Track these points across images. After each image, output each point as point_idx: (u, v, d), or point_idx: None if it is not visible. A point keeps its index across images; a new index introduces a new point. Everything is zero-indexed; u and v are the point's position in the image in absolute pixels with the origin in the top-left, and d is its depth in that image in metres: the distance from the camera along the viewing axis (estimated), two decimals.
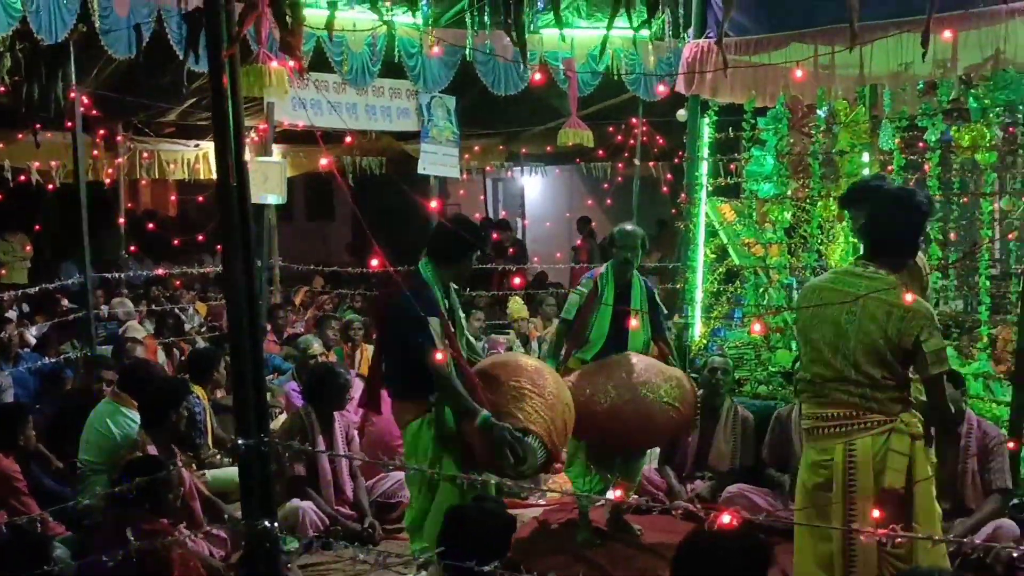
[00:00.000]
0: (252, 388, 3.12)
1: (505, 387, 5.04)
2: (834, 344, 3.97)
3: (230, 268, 3.14)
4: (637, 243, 6.11)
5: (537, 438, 4.90)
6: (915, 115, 7.81)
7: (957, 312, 8.58)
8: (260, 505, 3.12)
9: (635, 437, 5.92)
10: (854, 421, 3.94)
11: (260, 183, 9.55)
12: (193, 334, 10.29)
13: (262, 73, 6.73)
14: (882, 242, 4.05)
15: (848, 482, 3.92)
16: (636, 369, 5.83)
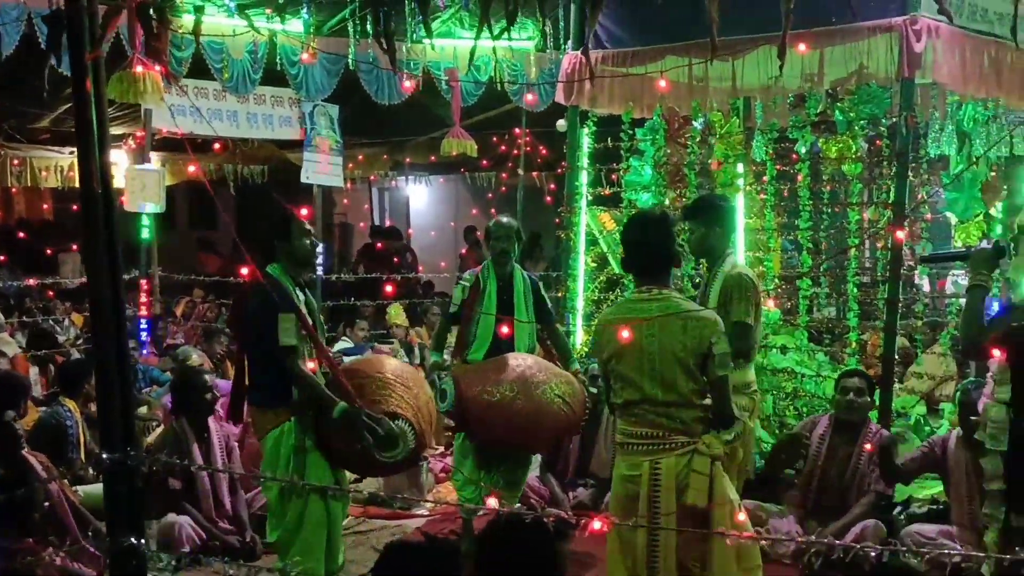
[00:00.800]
0: (118, 400, 3.05)
1: (368, 379, 5.05)
2: (640, 368, 4.19)
3: (95, 277, 3.06)
4: (512, 233, 6.17)
5: (407, 421, 4.93)
6: (786, 127, 8.06)
7: (829, 318, 8.87)
8: (127, 521, 3.04)
9: (525, 434, 5.89)
10: (660, 441, 4.17)
11: (138, 191, 9.34)
12: (68, 346, 9.99)
13: (136, 79, 6.57)
14: (653, 264, 4.31)
15: (653, 498, 4.16)
16: (529, 367, 5.84)
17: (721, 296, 5.04)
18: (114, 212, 3.14)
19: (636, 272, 4.39)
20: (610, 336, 4.26)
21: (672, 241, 4.37)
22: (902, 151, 6.68)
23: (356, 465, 5.08)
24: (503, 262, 6.19)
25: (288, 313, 4.78)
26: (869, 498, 5.95)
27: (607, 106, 8.06)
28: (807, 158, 8.10)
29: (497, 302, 6.14)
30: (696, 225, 5.20)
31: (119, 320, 3.11)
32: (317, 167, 10.64)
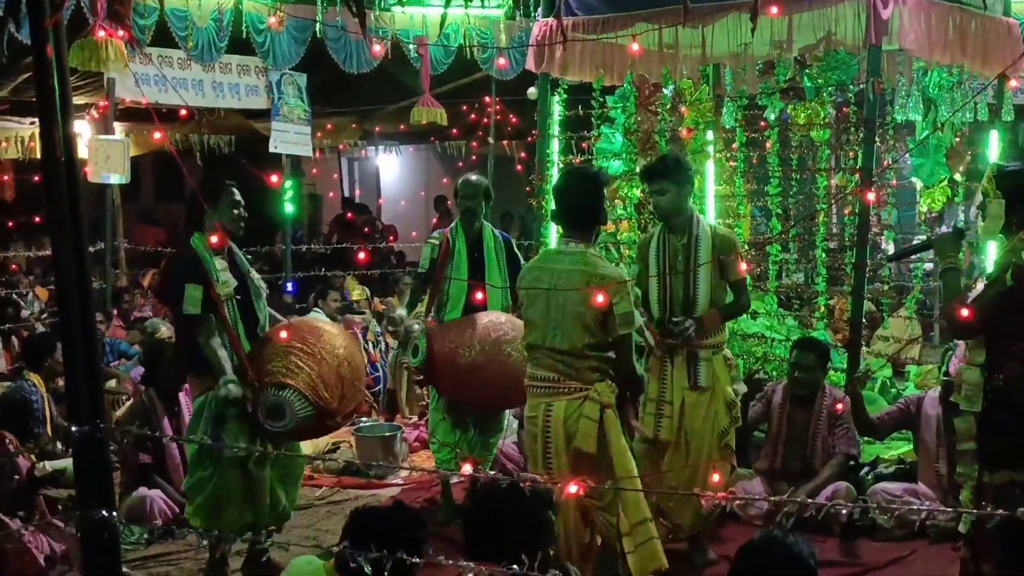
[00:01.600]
0: (85, 372, 3.00)
1: (270, 346, 5.12)
2: (544, 315, 4.43)
3: (58, 249, 3.00)
4: (479, 192, 6.20)
5: (295, 390, 4.93)
6: (755, 94, 8.07)
7: (797, 284, 8.93)
8: (98, 494, 3.00)
9: (496, 394, 5.91)
10: (555, 386, 4.43)
11: (102, 162, 9.20)
12: (32, 320, 9.88)
13: (98, 47, 6.45)
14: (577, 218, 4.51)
15: (545, 439, 4.44)
16: (502, 327, 5.87)
17: (714, 258, 5.14)
18: (78, 182, 3.06)
19: (561, 224, 4.64)
20: (524, 283, 4.60)
21: (600, 199, 4.58)
22: (869, 117, 6.70)
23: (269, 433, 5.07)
24: (470, 220, 6.20)
25: (193, 284, 4.90)
26: (837, 459, 6.03)
27: (578, 74, 8.03)
28: (776, 125, 8.13)
29: (468, 261, 6.14)
30: (668, 184, 5.22)
31: (84, 292, 3.05)
32: (285, 136, 10.54)
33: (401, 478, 7.18)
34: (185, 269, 5.00)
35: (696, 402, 5.24)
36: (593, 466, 4.34)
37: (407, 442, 7.80)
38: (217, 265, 5.03)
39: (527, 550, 3.02)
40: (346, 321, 9.29)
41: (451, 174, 15.93)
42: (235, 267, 5.19)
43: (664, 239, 5.33)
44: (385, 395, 9.02)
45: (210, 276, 4.96)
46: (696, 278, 5.18)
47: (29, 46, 7.24)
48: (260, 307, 5.28)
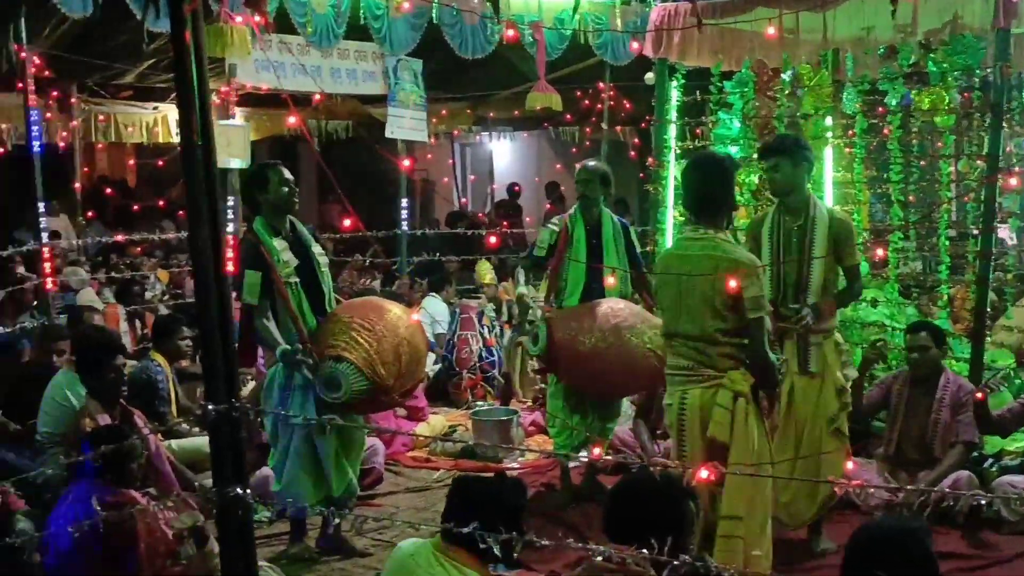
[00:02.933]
0: (221, 354, 3.05)
1: (333, 321, 5.30)
2: (677, 303, 4.39)
3: (196, 232, 3.04)
4: (594, 177, 6.17)
5: (351, 364, 5.08)
6: (876, 79, 7.89)
7: (917, 273, 8.72)
8: (232, 472, 3.05)
9: (616, 381, 5.96)
10: (690, 374, 4.39)
11: (223, 147, 9.37)
12: (155, 302, 10.15)
13: (223, 33, 6.54)
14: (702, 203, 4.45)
15: (680, 428, 4.42)
16: (622, 313, 5.87)
17: (830, 241, 5.08)
18: (214, 165, 3.11)
19: (690, 210, 4.57)
20: (659, 269, 4.60)
21: (730, 185, 4.50)
22: (996, 102, 6.54)
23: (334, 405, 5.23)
24: (588, 206, 6.18)
25: (253, 270, 5.11)
26: (958, 449, 5.89)
27: (696, 59, 7.96)
28: (898, 110, 7.95)
29: (586, 247, 6.13)
30: (783, 160, 5.16)
31: (220, 272, 3.10)
32: (401, 122, 10.61)
33: (517, 461, 7.20)
34: (245, 255, 5.20)
35: (806, 387, 5.20)
36: (725, 456, 4.31)
37: (523, 426, 7.82)
38: (277, 246, 5.22)
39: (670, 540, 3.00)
40: (463, 306, 9.35)
41: (564, 160, 15.89)
42: (299, 244, 5.35)
43: (778, 220, 5.27)
44: (500, 380, 9.04)
45: (271, 259, 5.15)
46: (811, 261, 5.08)
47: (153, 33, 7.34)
48: (324, 281, 5.45)
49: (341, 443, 5.44)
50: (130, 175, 16.94)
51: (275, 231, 5.29)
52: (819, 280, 5.11)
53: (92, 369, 5.65)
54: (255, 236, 5.23)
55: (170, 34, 3.07)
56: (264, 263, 5.14)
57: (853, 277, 5.23)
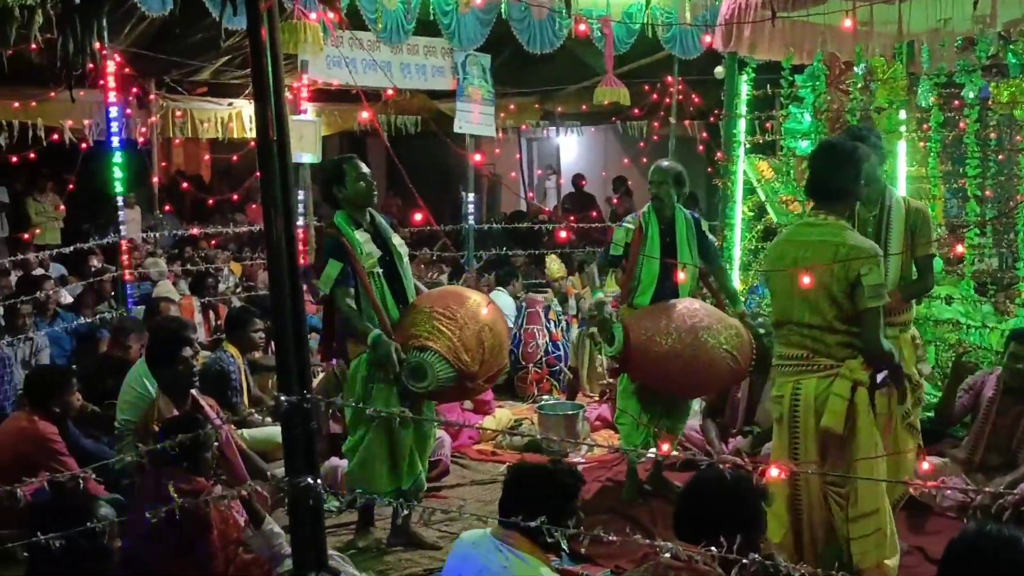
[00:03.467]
0: (294, 345, 3.10)
1: (414, 312, 5.36)
2: (790, 290, 4.27)
3: (271, 225, 3.10)
4: (668, 178, 6.13)
5: (435, 353, 5.12)
6: (953, 71, 7.74)
7: (993, 269, 8.54)
8: (303, 462, 3.11)
9: (691, 382, 5.93)
10: (804, 363, 4.28)
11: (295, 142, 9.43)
12: (228, 294, 10.32)
13: (297, 29, 6.66)
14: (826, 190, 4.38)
15: (793, 419, 4.29)
16: (698, 314, 5.85)
17: (907, 231, 4.98)
18: (288, 160, 3.16)
19: (813, 195, 4.47)
20: (772, 255, 4.46)
21: (857, 174, 4.38)
22: None
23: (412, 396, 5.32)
24: (660, 207, 6.15)
25: (334, 260, 5.20)
26: None
27: (767, 52, 7.88)
28: (975, 103, 7.78)
29: (660, 246, 6.09)
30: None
31: (293, 266, 3.15)
32: (469, 117, 10.66)
33: (583, 456, 7.20)
34: (328, 247, 5.29)
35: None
36: (840, 448, 4.22)
37: (589, 420, 7.81)
38: (360, 238, 5.29)
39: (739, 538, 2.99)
40: (529, 300, 9.37)
41: (631, 154, 15.85)
42: (378, 236, 5.42)
43: (855, 211, 5.16)
44: (567, 374, 9.05)
45: (353, 251, 5.23)
46: (887, 250, 4.97)
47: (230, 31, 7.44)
48: (404, 272, 5.50)
49: (414, 437, 5.50)
50: (205, 170, 17.25)
51: (356, 223, 5.36)
52: (896, 272, 4.97)
53: (161, 361, 5.73)
54: (337, 229, 5.30)
55: (247, 32, 3.13)
56: (347, 255, 5.21)
57: (925, 269, 5.06)
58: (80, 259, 10.67)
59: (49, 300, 8.62)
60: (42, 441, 5.56)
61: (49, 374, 6.20)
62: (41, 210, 13.30)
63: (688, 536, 3.19)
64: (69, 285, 10.01)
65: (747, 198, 8.58)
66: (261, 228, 3.54)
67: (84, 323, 8.32)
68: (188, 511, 4.04)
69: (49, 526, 3.23)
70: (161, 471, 4.53)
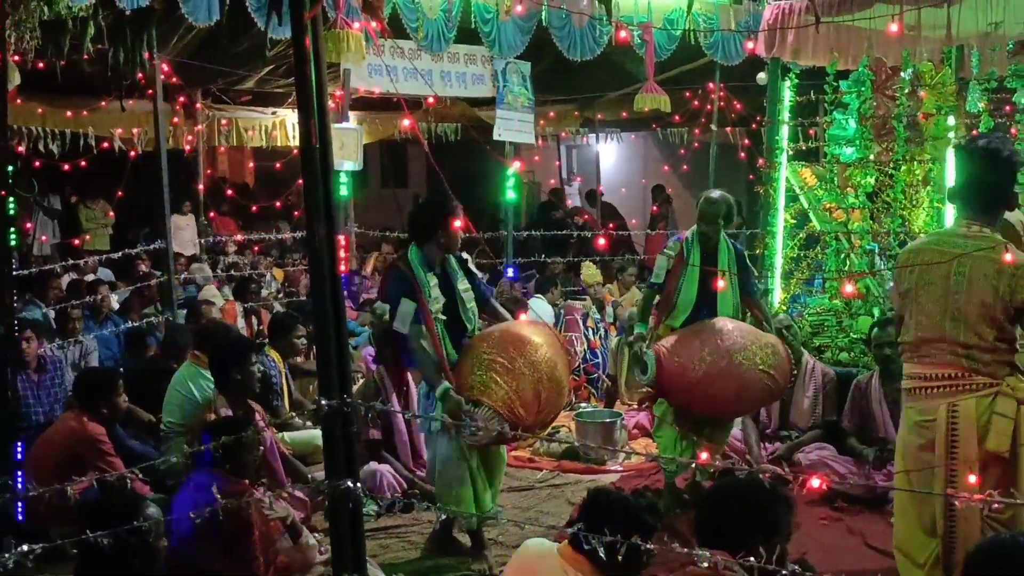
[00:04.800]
0: (335, 350, 3.14)
1: (471, 356, 5.21)
2: (943, 305, 3.95)
3: (312, 231, 3.14)
4: (719, 214, 5.96)
5: (489, 408, 4.99)
6: (1004, 76, 7.62)
7: None
8: (344, 465, 3.14)
9: (729, 405, 5.84)
10: (959, 382, 3.92)
11: (337, 149, 9.58)
12: (270, 299, 10.43)
13: (340, 39, 6.71)
14: (980, 198, 4.02)
15: (951, 443, 3.89)
16: (731, 335, 5.71)
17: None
18: (331, 169, 3.20)
19: (962, 204, 4.11)
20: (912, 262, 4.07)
21: (1012, 182, 4.04)
22: None
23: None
24: (704, 240, 6.03)
25: (408, 299, 5.09)
26: None
27: (811, 58, 7.80)
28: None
29: (700, 273, 5.98)
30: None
31: (334, 271, 3.19)
32: (509, 124, 10.69)
33: (621, 464, 7.19)
34: (398, 284, 5.19)
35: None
36: (1003, 471, 3.86)
37: (627, 428, 7.80)
38: (431, 282, 5.20)
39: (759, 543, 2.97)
40: (567, 308, 9.37)
41: (671, 161, 15.81)
42: (447, 281, 5.32)
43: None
44: (605, 381, 9.04)
45: (422, 293, 5.14)
46: None
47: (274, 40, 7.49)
48: (468, 318, 5.38)
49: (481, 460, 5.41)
50: (249, 177, 17.42)
51: (429, 266, 5.26)
52: None
53: (227, 370, 5.87)
54: (408, 267, 5.21)
55: (291, 41, 3.18)
56: (418, 297, 5.13)
57: None
58: (128, 264, 10.84)
59: (103, 304, 8.77)
60: (91, 441, 5.65)
61: (97, 376, 6.31)
62: (92, 216, 13.53)
63: (709, 542, 3.18)
64: (118, 290, 10.17)
65: (789, 205, 8.52)
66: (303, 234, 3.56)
67: (132, 326, 8.44)
68: (231, 512, 4.10)
69: (98, 524, 3.28)
70: (205, 472, 4.59)
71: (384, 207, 17.90)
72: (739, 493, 3.28)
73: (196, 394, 6.24)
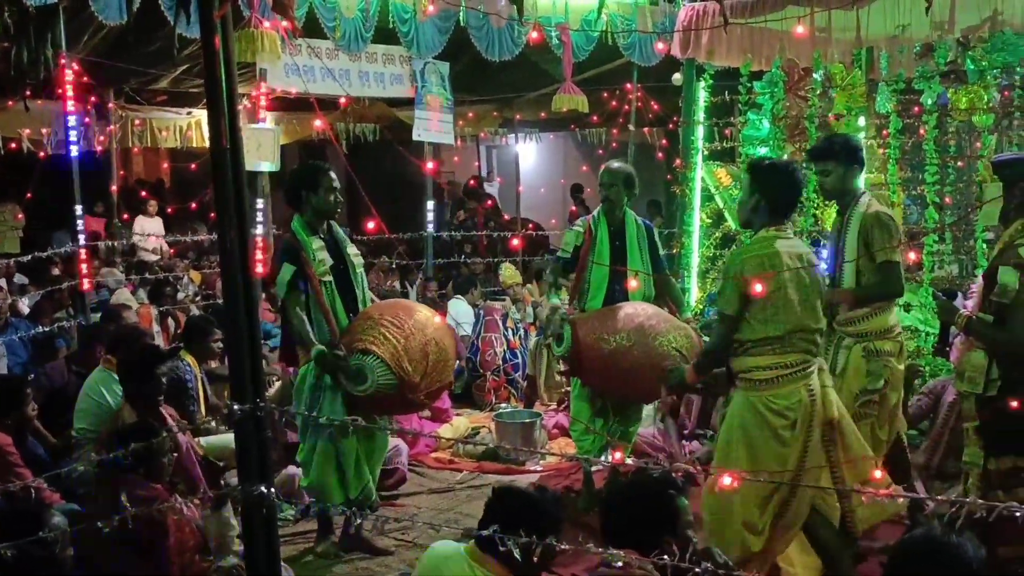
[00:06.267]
0: (247, 354, 3.09)
1: (363, 318, 5.41)
2: (801, 298, 4.40)
3: (224, 234, 3.09)
4: (618, 179, 6.12)
5: (377, 357, 5.17)
6: (912, 78, 7.79)
7: (953, 276, 8.60)
8: (258, 471, 3.09)
9: (640, 383, 5.81)
10: (807, 366, 4.42)
11: (253, 150, 9.47)
12: (187, 302, 10.26)
13: (254, 38, 6.61)
14: (786, 208, 4.60)
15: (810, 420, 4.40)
16: (644, 315, 5.80)
17: (860, 239, 5.02)
18: (242, 170, 3.15)
19: (779, 213, 4.53)
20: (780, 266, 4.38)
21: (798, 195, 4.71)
22: None
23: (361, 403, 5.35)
24: (611, 208, 6.14)
25: (288, 264, 5.24)
26: None
27: (725, 59, 7.92)
28: (934, 110, 7.83)
29: (610, 249, 6.09)
30: (835, 165, 5.13)
31: (247, 275, 3.14)
32: (428, 124, 10.66)
33: (540, 464, 7.22)
34: (282, 251, 5.36)
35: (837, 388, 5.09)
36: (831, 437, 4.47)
37: (546, 429, 7.83)
38: (314, 245, 5.35)
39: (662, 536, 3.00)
40: (487, 308, 9.37)
41: (590, 161, 15.91)
42: (335, 246, 5.48)
43: (836, 222, 5.32)
44: (524, 382, 9.06)
45: (306, 256, 5.28)
46: (842, 257, 5.06)
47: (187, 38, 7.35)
48: (357, 282, 5.57)
49: (363, 447, 5.51)
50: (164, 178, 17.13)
51: (313, 231, 5.42)
52: (851, 277, 5.03)
53: (134, 376, 5.76)
54: (293, 235, 5.37)
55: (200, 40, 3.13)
56: (300, 260, 5.27)
57: (882, 274, 5.04)
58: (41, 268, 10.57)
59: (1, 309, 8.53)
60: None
61: (3, 385, 6.13)
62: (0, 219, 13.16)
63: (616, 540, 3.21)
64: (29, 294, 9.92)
65: (705, 205, 8.63)
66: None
67: (41, 332, 8.22)
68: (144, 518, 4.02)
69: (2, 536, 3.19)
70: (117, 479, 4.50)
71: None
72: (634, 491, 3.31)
73: (108, 399, 6.12)
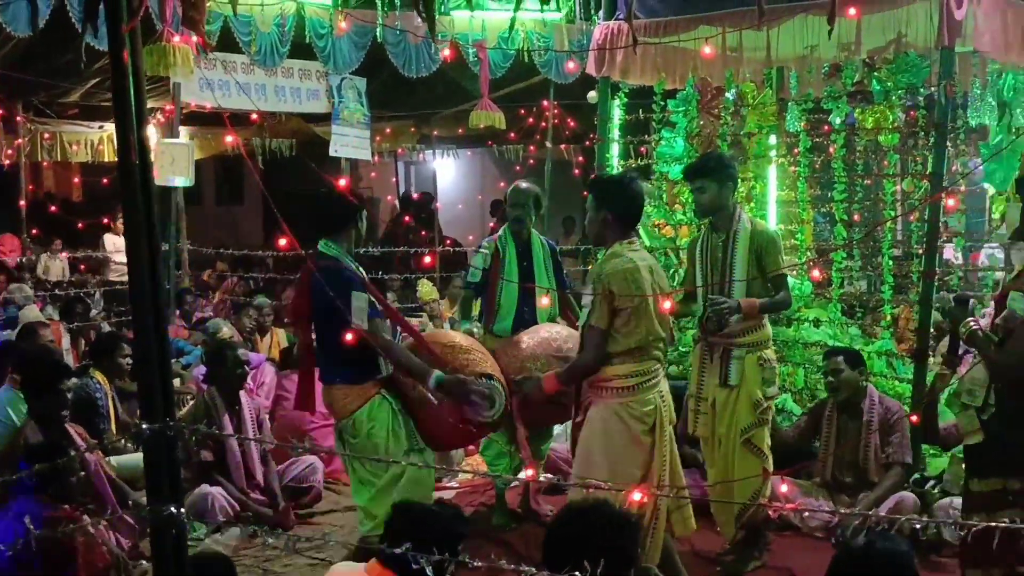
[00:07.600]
0: (157, 372, 3.04)
1: (447, 347, 5.02)
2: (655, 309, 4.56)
3: (133, 250, 3.05)
4: (528, 199, 6.11)
5: (496, 380, 4.98)
6: (820, 97, 7.95)
7: (861, 292, 8.77)
8: (167, 491, 3.04)
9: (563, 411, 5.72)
10: (658, 372, 4.64)
11: (167, 165, 9.35)
12: (98, 319, 10.06)
13: (166, 52, 6.55)
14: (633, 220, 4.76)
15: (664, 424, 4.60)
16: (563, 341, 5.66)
17: (751, 254, 5.17)
18: (151, 185, 3.11)
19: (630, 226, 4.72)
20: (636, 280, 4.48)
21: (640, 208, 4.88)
22: (940, 121, 6.48)
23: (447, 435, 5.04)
24: (518, 229, 6.12)
25: (361, 292, 4.67)
26: (895, 471, 5.86)
27: (639, 77, 7.95)
28: (842, 129, 7.99)
29: (517, 269, 6.08)
30: (709, 183, 5.24)
31: (156, 292, 3.10)
32: (345, 140, 10.63)
33: (456, 482, 7.19)
34: (343, 279, 4.68)
35: (725, 400, 5.24)
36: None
37: None
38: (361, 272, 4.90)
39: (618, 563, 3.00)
40: None
41: (508, 178, 15.96)
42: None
43: (707, 237, 5.39)
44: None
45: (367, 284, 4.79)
46: (732, 273, 5.17)
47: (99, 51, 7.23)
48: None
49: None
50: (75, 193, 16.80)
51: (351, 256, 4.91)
52: (742, 292, 5.16)
53: (38, 392, 5.61)
54: (336, 262, 4.78)
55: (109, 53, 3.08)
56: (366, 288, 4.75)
57: (779, 287, 5.23)
58: None
59: None
60: None
61: None
62: None
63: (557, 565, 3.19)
64: None
65: None
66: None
67: None
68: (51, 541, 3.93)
69: None
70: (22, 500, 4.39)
71: (219, 223, 17.52)
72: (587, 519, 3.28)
73: (14, 418, 5.96)
